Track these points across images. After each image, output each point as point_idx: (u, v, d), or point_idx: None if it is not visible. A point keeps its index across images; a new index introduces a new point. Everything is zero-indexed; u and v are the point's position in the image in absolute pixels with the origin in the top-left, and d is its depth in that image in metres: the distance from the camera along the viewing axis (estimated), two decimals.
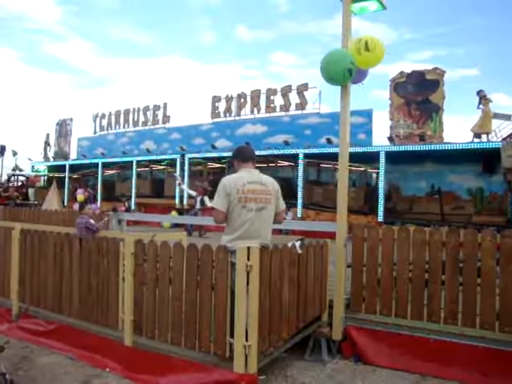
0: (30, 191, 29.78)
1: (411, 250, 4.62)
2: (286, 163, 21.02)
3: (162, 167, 24.16)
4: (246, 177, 3.96)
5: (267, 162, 19.69)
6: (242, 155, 4.16)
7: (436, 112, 16.82)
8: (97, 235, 4.84)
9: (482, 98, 15.79)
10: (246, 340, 3.55)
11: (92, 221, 4.92)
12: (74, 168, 26.95)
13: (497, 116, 16.41)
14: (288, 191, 16.19)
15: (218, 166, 22.13)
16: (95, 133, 28.50)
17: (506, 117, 17.02)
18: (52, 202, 21.13)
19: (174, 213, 18.69)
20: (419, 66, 23.70)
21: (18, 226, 5.78)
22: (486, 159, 15.81)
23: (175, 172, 20.46)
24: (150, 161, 23.53)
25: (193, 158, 20.97)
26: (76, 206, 19.07)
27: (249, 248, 3.56)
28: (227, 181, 3.94)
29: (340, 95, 5.04)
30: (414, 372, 4.39)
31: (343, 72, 4.76)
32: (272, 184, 4.07)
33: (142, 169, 24.68)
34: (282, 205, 4.21)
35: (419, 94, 17.19)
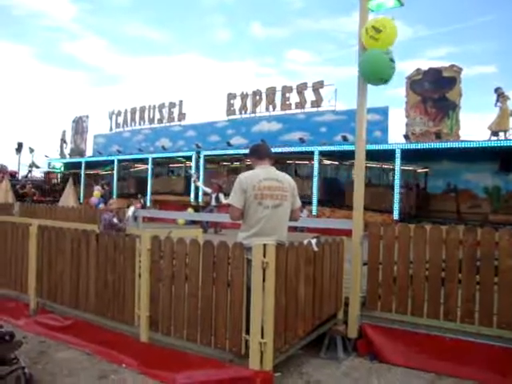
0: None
1: (427, 248, 4.59)
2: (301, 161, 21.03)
3: (180, 164, 24.20)
4: (263, 174, 3.96)
5: (283, 160, 19.67)
6: (259, 152, 4.17)
7: (453, 110, 16.65)
8: (121, 233, 4.86)
9: (500, 95, 15.61)
10: (262, 337, 3.55)
11: (115, 219, 4.99)
12: (90, 165, 27.14)
13: None
14: (304, 189, 16.22)
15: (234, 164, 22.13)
16: (111, 130, 28.66)
17: None
18: (68, 198, 21.37)
19: (190, 210, 18.75)
20: (435, 63, 23.58)
21: (36, 222, 5.85)
22: (502, 157, 15.62)
23: (190, 169, 20.52)
24: (165, 158, 23.59)
25: (208, 155, 21.00)
26: (94, 201, 19.16)
27: (265, 245, 3.56)
28: (243, 177, 3.95)
29: (357, 92, 5.01)
30: (429, 371, 4.36)
31: (388, 63, 4.72)
32: (288, 181, 4.08)
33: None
34: (298, 202, 4.21)
35: (436, 92, 17.03)
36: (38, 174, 31.29)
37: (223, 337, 3.85)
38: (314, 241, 4.39)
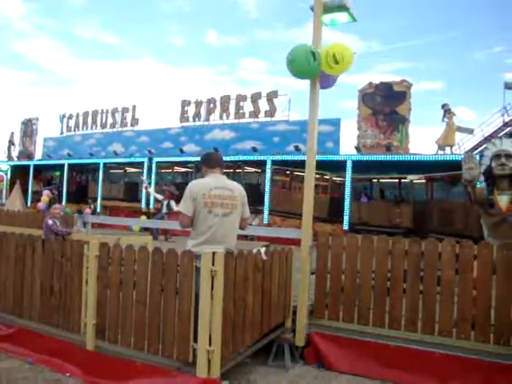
0: None
1: (374, 259, 4.70)
2: (253, 169, 21.15)
3: (132, 170, 23.93)
4: (213, 182, 3.99)
5: (234, 168, 19.74)
6: (210, 161, 4.19)
7: (402, 123, 17.13)
8: (68, 237, 4.77)
9: (447, 111, 16.17)
10: (210, 345, 3.56)
11: (50, 221, 4.85)
12: (38, 168, 26.45)
13: (460, 129, 16.83)
14: (255, 197, 16.26)
15: (185, 170, 22.07)
16: (62, 133, 28.05)
17: (469, 130, 17.50)
18: (15, 202, 20.73)
19: (143, 217, 18.54)
20: (386, 77, 24.13)
21: None
22: (449, 171, 16.17)
23: (142, 175, 20.31)
24: (120, 163, 23.29)
25: (160, 162, 20.85)
26: (42, 206, 18.70)
27: (214, 253, 3.58)
28: (193, 185, 3.97)
29: (309, 103, 5.11)
30: (375, 378, 4.45)
31: (305, 55, 4.78)
32: (239, 190, 4.11)
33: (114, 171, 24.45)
34: (247, 212, 4.26)
35: (387, 105, 17.48)
36: None
37: (171, 345, 3.83)
38: (263, 249, 4.44)
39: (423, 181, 17.73)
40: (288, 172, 19.89)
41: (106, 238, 4.87)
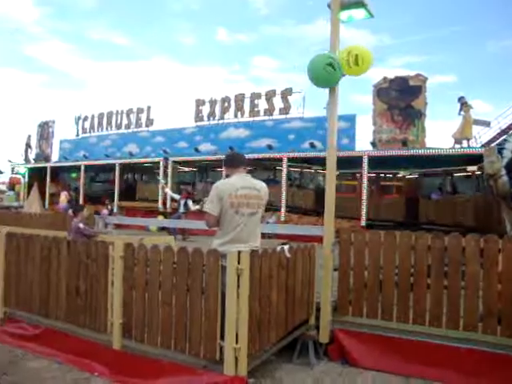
0: (11, 193, 29.51)
1: (397, 254, 4.69)
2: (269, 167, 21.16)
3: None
4: (240, 182, 4.02)
5: (250, 166, 19.73)
6: (234, 161, 4.23)
7: (418, 118, 17.00)
8: (93, 239, 4.81)
9: (463, 104, 16.02)
10: (236, 343, 3.59)
11: (81, 224, 4.93)
12: (55, 170, 26.70)
13: (477, 122, 16.67)
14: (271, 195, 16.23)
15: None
16: (77, 135, 28.26)
17: (486, 123, 17.32)
18: (33, 204, 20.98)
19: (160, 217, 18.64)
20: (398, 72, 23.94)
21: (4, 229, 5.74)
22: (465, 165, 16.06)
23: (158, 175, 20.40)
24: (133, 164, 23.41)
25: (176, 162, 20.93)
26: (62, 206, 18.92)
27: (239, 252, 3.61)
28: (220, 185, 4.01)
29: (328, 99, 5.11)
30: (399, 374, 4.44)
31: (324, 68, 4.82)
32: (264, 189, 4.16)
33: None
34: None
35: (402, 100, 17.35)
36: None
37: (198, 343, 3.86)
38: (286, 247, 4.45)
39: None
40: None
41: (128, 238, 4.92)
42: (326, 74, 4.85)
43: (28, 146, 30.36)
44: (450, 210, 15.82)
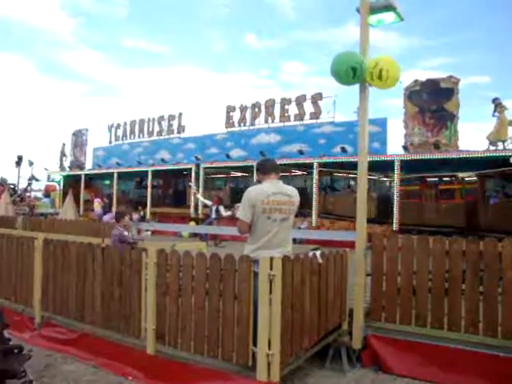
0: (46, 200, 30.11)
1: (431, 259, 4.64)
2: (299, 172, 21.06)
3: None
4: (271, 188, 4.04)
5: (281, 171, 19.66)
6: (265, 167, 4.24)
7: (451, 120, 16.74)
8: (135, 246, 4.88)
9: (498, 105, 15.70)
10: (269, 349, 3.59)
11: (126, 232, 5.02)
12: (89, 178, 27.16)
13: None
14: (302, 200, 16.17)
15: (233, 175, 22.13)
16: (110, 143, 28.71)
17: None
18: (68, 211, 21.37)
19: (192, 223, 18.77)
20: (432, 74, 23.57)
21: (41, 236, 5.88)
22: (501, 167, 15.71)
23: (190, 182, 20.54)
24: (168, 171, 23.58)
25: (207, 168, 21.05)
26: (97, 212, 19.23)
27: (271, 258, 3.61)
28: (252, 192, 4.02)
29: (359, 104, 5.09)
30: (434, 381, 4.38)
31: (346, 69, 4.81)
32: (296, 195, 4.17)
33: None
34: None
35: (434, 103, 17.10)
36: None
37: (230, 349, 3.88)
38: (318, 253, 4.44)
39: None
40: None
41: (160, 244, 5.00)
42: (344, 75, 4.83)
43: (63, 154, 30.95)
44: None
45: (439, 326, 4.55)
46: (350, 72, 4.78)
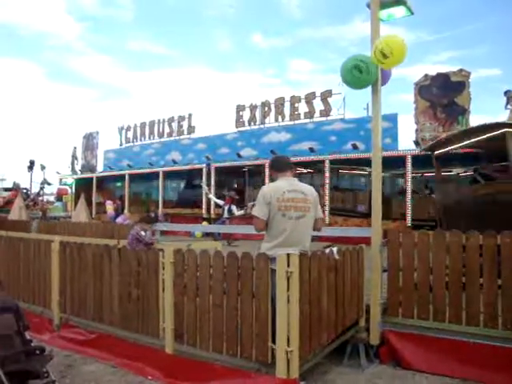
0: (59, 204, 30.30)
1: (447, 254, 4.61)
2: (305, 170, 20.98)
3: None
4: (286, 185, 4.03)
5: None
6: (280, 165, 4.24)
7: (462, 114, 16.63)
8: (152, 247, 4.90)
9: (510, 97, 15.59)
10: (288, 345, 3.60)
11: (143, 232, 5.05)
12: (100, 180, 27.30)
13: None
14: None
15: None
16: (121, 145, 28.85)
17: None
18: (80, 214, 21.50)
19: (204, 223, 18.81)
20: (442, 68, 23.49)
21: (57, 238, 5.93)
22: None
23: (202, 182, 20.58)
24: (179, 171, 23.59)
25: (218, 167, 21.07)
26: (110, 215, 19.36)
27: (288, 255, 3.62)
28: (267, 189, 4.03)
29: (371, 100, 5.09)
30: (454, 377, 4.36)
31: (350, 70, 4.82)
32: (311, 192, 4.15)
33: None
34: (320, 213, 4.27)
35: (444, 97, 17.00)
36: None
37: (249, 346, 3.90)
38: (335, 249, 4.44)
39: None
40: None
41: (176, 244, 5.04)
42: (352, 77, 4.84)
43: (74, 157, 31.16)
44: None
45: (457, 321, 4.53)
46: (355, 72, 4.79)
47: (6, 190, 28.07)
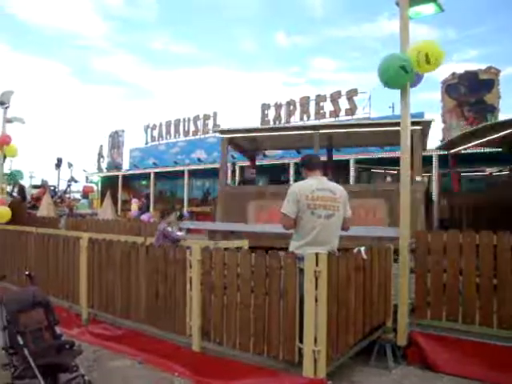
0: (85, 201, 30.70)
1: (478, 255, 4.54)
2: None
3: None
4: (315, 184, 4.02)
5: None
6: (311, 163, 4.24)
7: (491, 113, 16.36)
8: (179, 243, 4.92)
9: None
10: (315, 345, 3.58)
11: (169, 228, 5.08)
12: (126, 178, 27.55)
13: None
14: None
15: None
16: (146, 143, 29.11)
17: None
18: (106, 211, 21.73)
19: None
20: (466, 66, 23.12)
21: (86, 235, 6.01)
22: None
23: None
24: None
25: (243, 166, 21.06)
26: (135, 213, 19.55)
27: (317, 254, 3.60)
28: (297, 187, 4.02)
29: (400, 100, 5.03)
30: (483, 380, 4.28)
31: (396, 70, 4.76)
32: (340, 191, 4.12)
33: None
34: (349, 212, 4.23)
35: (473, 95, 16.76)
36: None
37: (276, 345, 3.89)
38: (363, 248, 4.41)
39: None
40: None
41: (204, 242, 5.06)
42: (397, 76, 4.79)
43: (100, 155, 31.56)
44: None
45: (488, 324, 4.45)
46: (401, 71, 4.74)
47: (35, 187, 28.42)
